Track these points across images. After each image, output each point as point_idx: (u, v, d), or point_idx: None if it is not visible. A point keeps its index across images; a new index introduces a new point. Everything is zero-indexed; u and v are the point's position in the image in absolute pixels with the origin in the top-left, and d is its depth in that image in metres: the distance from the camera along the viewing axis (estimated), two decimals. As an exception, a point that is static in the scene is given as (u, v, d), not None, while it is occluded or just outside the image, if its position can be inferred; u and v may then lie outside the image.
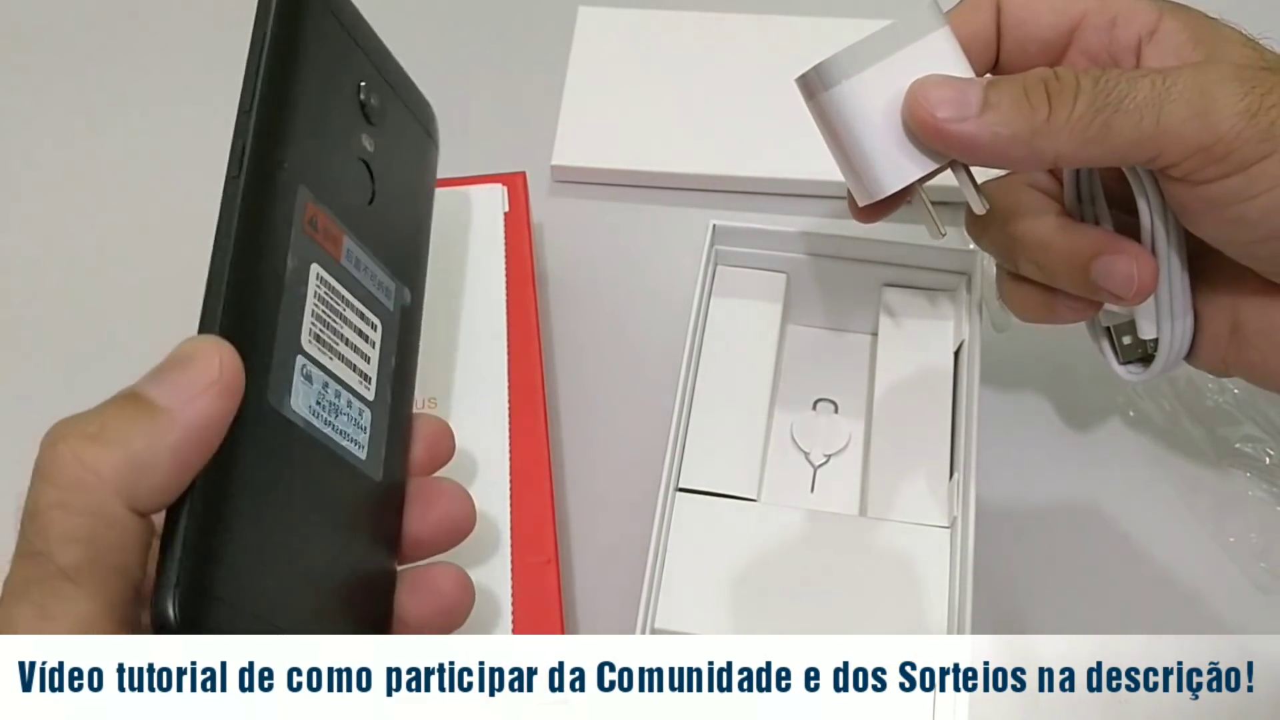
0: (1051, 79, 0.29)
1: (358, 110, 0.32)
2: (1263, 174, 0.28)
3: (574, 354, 0.44)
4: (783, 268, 0.41)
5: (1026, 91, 0.29)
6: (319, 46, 0.29)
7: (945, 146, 0.30)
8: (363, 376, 0.30)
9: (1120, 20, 0.32)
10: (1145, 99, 0.28)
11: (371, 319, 0.31)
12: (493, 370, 0.39)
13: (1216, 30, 0.31)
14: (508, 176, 0.43)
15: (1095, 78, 0.29)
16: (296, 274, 0.27)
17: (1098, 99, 0.28)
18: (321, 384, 0.28)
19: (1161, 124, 0.28)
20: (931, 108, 0.29)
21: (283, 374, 0.27)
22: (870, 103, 0.30)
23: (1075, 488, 0.41)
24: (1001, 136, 0.29)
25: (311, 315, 0.28)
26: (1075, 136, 0.29)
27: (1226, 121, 0.28)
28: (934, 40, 0.31)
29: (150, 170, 0.50)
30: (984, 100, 0.29)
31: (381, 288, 0.31)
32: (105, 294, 0.46)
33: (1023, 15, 0.33)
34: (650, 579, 0.35)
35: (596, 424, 0.42)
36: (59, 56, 0.53)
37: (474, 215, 0.42)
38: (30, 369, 0.45)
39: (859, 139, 0.31)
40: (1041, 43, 0.33)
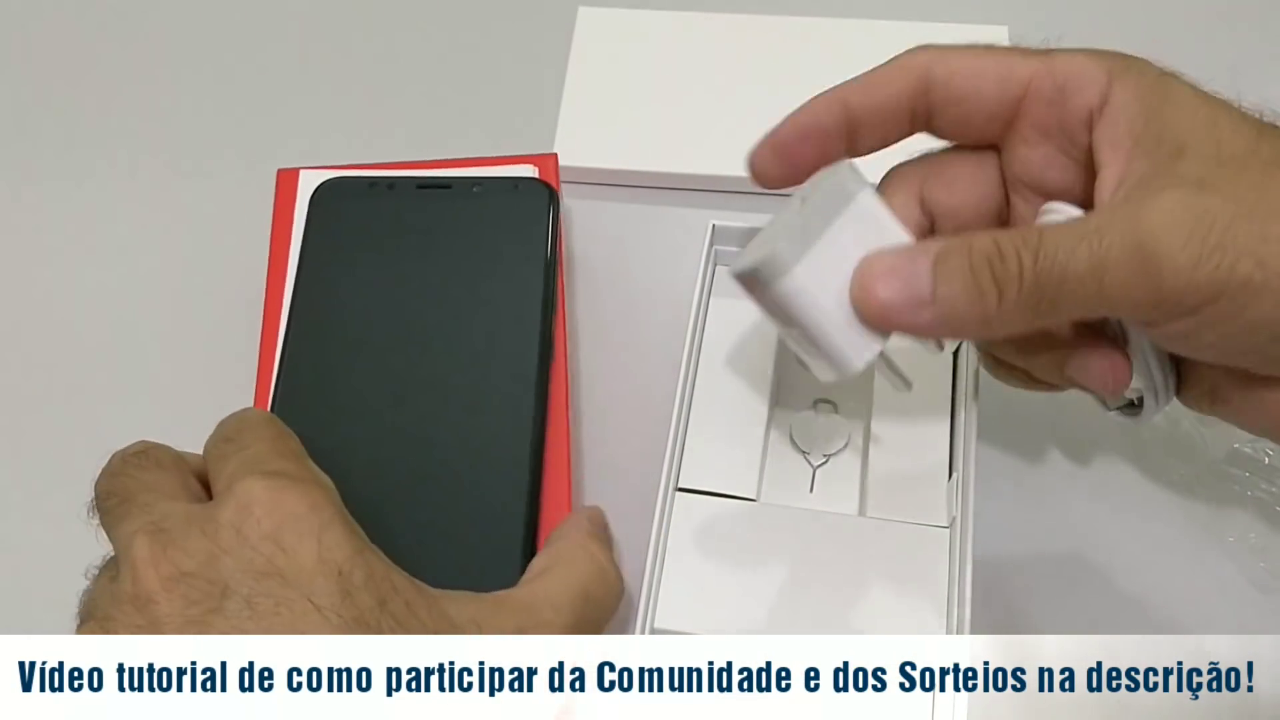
0: (996, 259, 0.28)
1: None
2: (1215, 315, 0.27)
3: (573, 354, 0.44)
4: None
5: (974, 274, 0.28)
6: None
7: (900, 332, 0.30)
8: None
9: (1069, 88, 0.30)
10: (1085, 268, 0.27)
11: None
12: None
13: (1167, 95, 0.29)
14: (539, 158, 0.42)
15: (1034, 251, 0.27)
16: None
17: (1040, 277, 0.27)
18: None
19: (1105, 290, 0.27)
20: (882, 305, 0.29)
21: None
22: (816, 290, 0.30)
23: (1075, 488, 0.41)
24: (955, 323, 0.29)
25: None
26: (1026, 316, 0.28)
27: (1169, 278, 0.27)
28: (862, 204, 0.30)
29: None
30: (934, 289, 0.28)
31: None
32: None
33: (963, 90, 0.31)
34: (650, 579, 0.35)
35: (596, 423, 0.42)
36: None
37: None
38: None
39: (813, 326, 0.30)
40: (986, 116, 0.32)
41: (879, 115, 0.32)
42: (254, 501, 0.27)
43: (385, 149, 0.48)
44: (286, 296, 0.38)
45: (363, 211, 0.38)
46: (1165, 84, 0.30)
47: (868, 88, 0.32)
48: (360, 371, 0.36)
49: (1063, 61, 0.31)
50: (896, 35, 0.50)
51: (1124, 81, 0.30)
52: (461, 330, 0.36)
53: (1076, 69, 0.30)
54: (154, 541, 0.27)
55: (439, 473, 0.34)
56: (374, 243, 0.38)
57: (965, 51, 0.32)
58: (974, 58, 0.32)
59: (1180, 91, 0.29)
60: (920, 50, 0.32)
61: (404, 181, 0.39)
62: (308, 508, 0.27)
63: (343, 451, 0.34)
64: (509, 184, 0.39)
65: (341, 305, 0.37)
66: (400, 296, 0.37)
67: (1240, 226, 0.26)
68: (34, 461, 0.43)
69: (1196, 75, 0.30)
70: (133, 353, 0.45)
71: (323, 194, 0.39)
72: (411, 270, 0.37)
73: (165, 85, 0.52)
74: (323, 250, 0.38)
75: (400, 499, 0.34)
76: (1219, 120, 0.29)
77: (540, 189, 0.39)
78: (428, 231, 0.38)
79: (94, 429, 0.43)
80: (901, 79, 0.32)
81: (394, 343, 0.36)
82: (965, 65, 0.31)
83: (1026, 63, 0.31)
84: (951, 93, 0.32)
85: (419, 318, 0.37)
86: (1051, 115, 0.31)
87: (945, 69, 0.31)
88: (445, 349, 0.36)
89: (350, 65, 0.52)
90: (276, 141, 0.50)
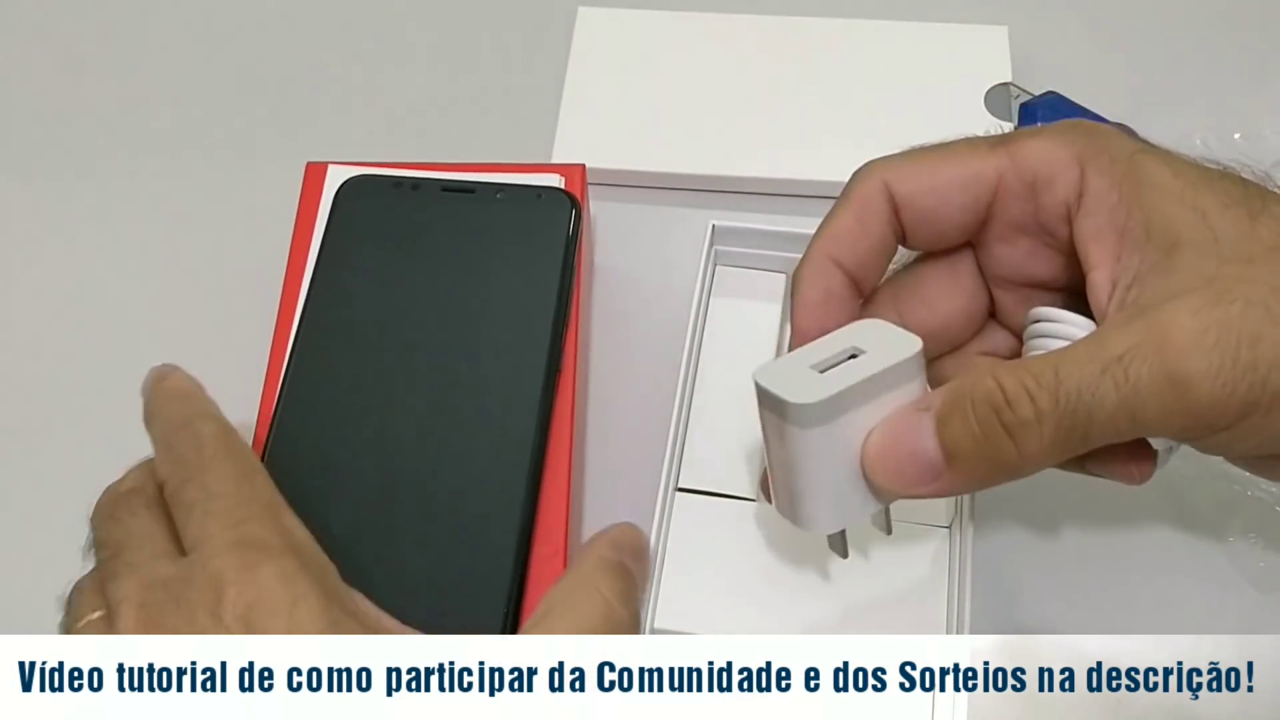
0: (1004, 408, 0.26)
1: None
2: (1249, 429, 0.26)
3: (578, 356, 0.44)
4: (783, 268, 0.41)
5: (983, 430, 0.26)
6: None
7: (920, 497, 0.29)
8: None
9: (1040, 183, 0.29)
10: (1115, 405, 0.26)
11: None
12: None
13: (1143, 179, 0.28)
14: (566, 167, 0.42)
15: (1053, 394, 0.26)
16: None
17: (1064, 420, 0.26)
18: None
19: (1139, 421, 0.26)
20: (895, 484, 0.28)
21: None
22: (827, 455, 0.29)
23: (1075, 488, 0.40)
24: (975, 478, 0.28)
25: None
26: (1055, 455, 0.27)
27: (1205, 406, 0.25)
28: (905, 370, 0.29)
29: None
30: (944, 454, 0.27)
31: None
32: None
33: (929, 206, 0.30)
34: (650, 579, 0.35)
35: (596, 423, 0.42)
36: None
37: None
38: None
39: (803, 485, 0.29)
40: (959, 228, 0.31)
41: (872, 260, 0.31)
42: (225, 583, 0.26)
43: (384, 150, 0.48)
44: (304, 290, 0.38)
45: (384, 211, 0.39)
46: (1139, 166, 0.28)
47: (848, 236, 0.31)
48: (367, 371, 0.36)
49: (1028, 152, 0.29)
50: (897, 35, 0.50)
51: (1096, 167, 0.28)
52: (471, 336, 0.36)
53: (1043, 160, 0.29)
54: (139, 616, 0.26)
55: (436, 479, 0.34)
56: (393, 242, 0.38)
57: (920, 160, 0.30)
58: (931, 167, 0.30)
59: (1157, 173, 0.28)
60: (870, 172, 0.31)
61: (428, 183, 0.39)
62: (279, 582, 0.26)
63: (342, 449, 0.34)
64: (532, 193, 0.39)
65: (355, 303, 0.37)
66: (413, 298, 0.37)
67: (1267, 336, 0.25)
68: (35, 461, 0.43)
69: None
70: (145, 342, 0.45)
71: (347, 190, 0.39)
72: (427, 273, 0.37)
73: (197, 79, 0.52)
74: (342, 247, 0.38)
75: (396, 503, 0.34)
76: (1204, 201, 0.27)
77: (562, 199, 0.39)
78: (447, 235, 0.38)
79: (99, 424, 0.43)
80: (875, 217, 0.30)
81: (402, 344, 0.36)
82: (926, 180, 0.30)
83: (989, 161, 0.30)
84: (919, 213, 0.30)
85: (430, 321, 0.37)
86: (1026, 212, 0.30)
87: (907, 188, 0.30)
88: (453, 354, 0.36)
89: (350, 65, 0.52)
90: (303, 136, 0.50)
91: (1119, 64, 0.50)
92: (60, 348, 0.45)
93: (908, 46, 0.50)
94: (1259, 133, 0.43)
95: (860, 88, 0.49)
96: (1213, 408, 0.25)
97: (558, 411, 0.37)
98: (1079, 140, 0.29)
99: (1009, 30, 0.49)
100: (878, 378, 0.28)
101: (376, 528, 0.33)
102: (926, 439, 0.27)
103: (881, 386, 0.28)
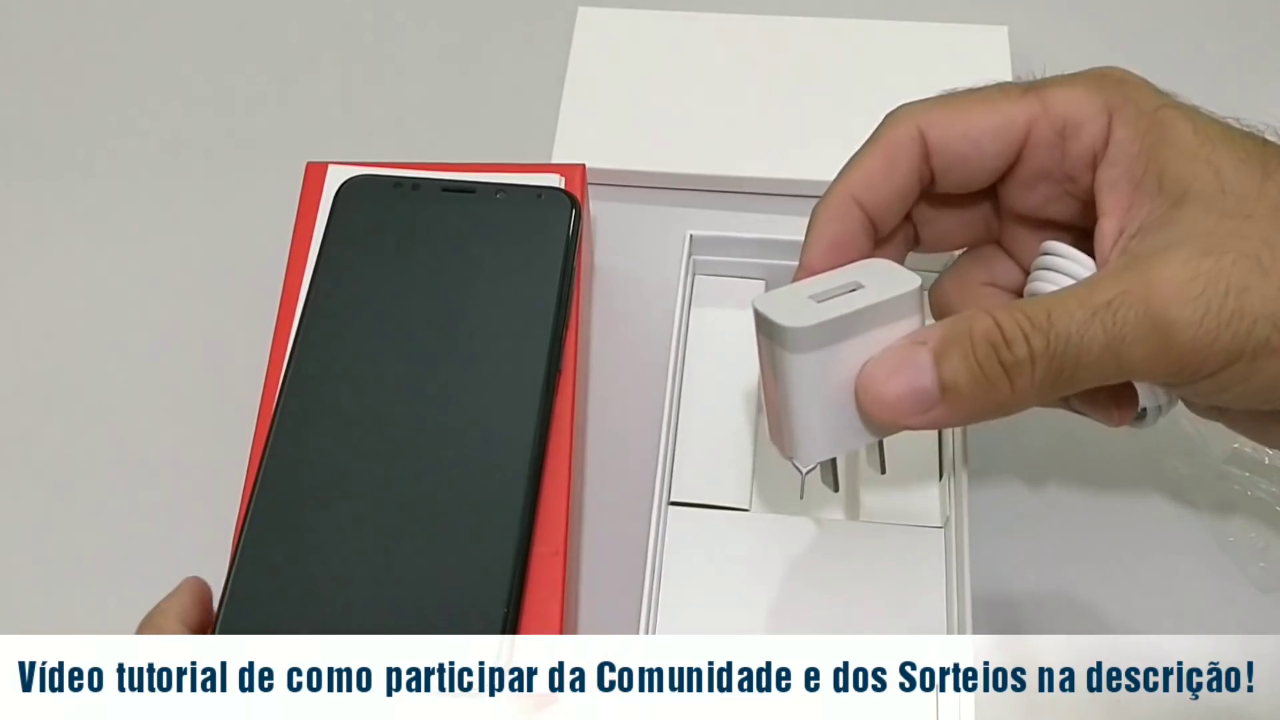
0: (1001, 346, 0.27)
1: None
2: (1232, 377, 0.27)
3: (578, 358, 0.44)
4: (761, 275, 0.41)
5: (981, 366, 0.27)
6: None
7: (911, 428, 0.29)
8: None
9: (1069, 131, 0.29)
10: (1101, 348, 0.26)
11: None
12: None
13: (1165, 133, 0.28)
14: (567, 167, 0.42)
15: (1045, 334, 0.27)
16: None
17: (1054, 361, 0.27)
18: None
19: (1123, 366, 0.27)
20: (890, 411, 0.28)
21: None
22: (819, 381, 0.29)
23: (1074, 488, 0.41)
24: (967, 416, 0.28)
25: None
26: (1041, 396, 0.27)
27: (1188, 352, 0.26)
28: (903, 306, 0.29)
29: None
30: (940, 386, 0.27)
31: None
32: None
33: (963, 152, 0.30)
34: (647, 595, 0.34)
35: (596, 423, 0.42)
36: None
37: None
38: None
39: (797, 410, 0.30)
40: (989, 172, 0.31)
41: (896, 204, 0.31)
42: None
43: (384, 150, 0.48)
44: (304, 290, 0.38)
45: (384, 211, 0.38)
46: (1163, 120, 0.28)
47: (874, 178, 0.31)
48: (367, 371, 0.36)
49: (1059, 100, 0.30)
50: (897, 35, 0.50)
51: (1123, 116, 0.29)
52: (471, 336, 0.36)
53: (1074, 108, 0.29)
54: None
55: (436, 479, 0.34)
56: (393, 243, 0.38)
57: (954, 106, 0.31)
58: (965, 113, 0.30)
59: (1179, 127, 0.28)
60: (904, 116, 0.31)
61: (428, 183, 0.39)
62: None
63: (342, 449, 0.34)
64: (532, 193, 0.39)
65: (355, 303, 0.37)
66: (413, 298, 0.37)
67: (1255, 289, 0.26)
68: (35, 461, 0.43)
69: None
70: (145, 342, 0.45)
71: (347, 190, 0.39)
72: (427, 273, 0.37)
73: (195, 79, 0.52)
74: (341, 246, 0.38)
75: (396, 503, 0.34)
76: (1220, 157, 0.28)
77: (562, 200, 0.39)
78: (447, 235, 0.38)
79: (99, 424, 0.43)
80: (905, 161, 0.31)
81: (402, 344, 0.36)
82: (960, 125, 0.30)
83: (1021, 107, 0.30)
84: (951, 159, 0.30)
85: (430, 321, 0.37)
86: (1053, 160, 0.30)
87: (940, 133, 0.30)
88: (453, 354, 0.36)
89: (350, 65, 0.52)
90: (303, 136, 0.50)
91: (1119, 64, 0.50)
92: (60, 348, 0.45)
93: (908, 46, 0.50)
94: (1259, 132, 0.43)
95: (861, 87, 0.49)
96: (1196, 354, 0.26)
97: (557, 412, 0.37)
98: (1108, 89, 0.29)
99: (1009, 30, 0.49)
100: (874, 309, 0.29)
101: (377, 528, 0.33)
102: (923, 370, 0.28)
103: (878, 319, 0.29)
